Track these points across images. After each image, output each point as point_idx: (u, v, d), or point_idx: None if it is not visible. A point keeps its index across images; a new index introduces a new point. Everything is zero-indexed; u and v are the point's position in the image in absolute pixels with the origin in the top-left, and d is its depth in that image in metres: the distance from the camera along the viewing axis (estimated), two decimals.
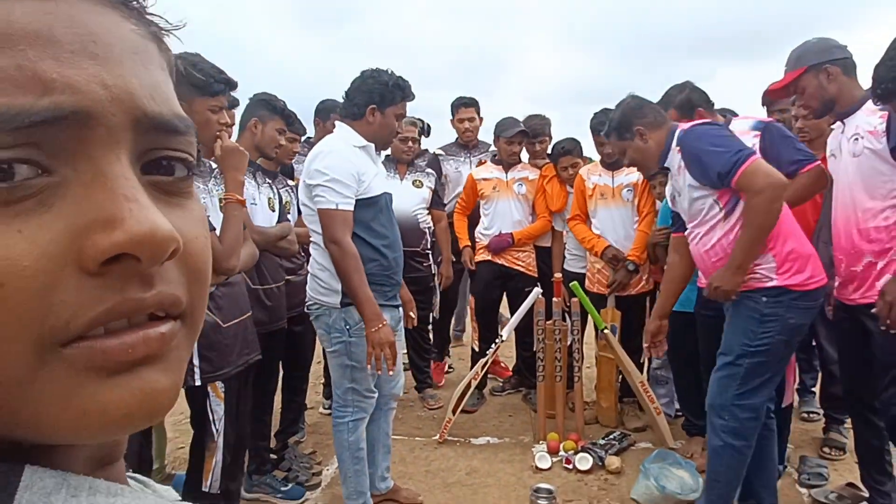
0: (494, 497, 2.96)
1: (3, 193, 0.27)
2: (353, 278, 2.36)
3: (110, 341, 0.29)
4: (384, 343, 2.37)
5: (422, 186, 4.04)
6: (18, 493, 0.27)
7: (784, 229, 2.30)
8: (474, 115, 4.36)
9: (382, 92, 2.51)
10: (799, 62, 2.44)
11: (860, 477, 2.67)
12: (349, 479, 2.66)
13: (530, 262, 4.06)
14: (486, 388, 4.31)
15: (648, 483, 2.85)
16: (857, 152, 2.32)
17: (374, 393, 2.64)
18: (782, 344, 2.30)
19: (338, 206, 2.39)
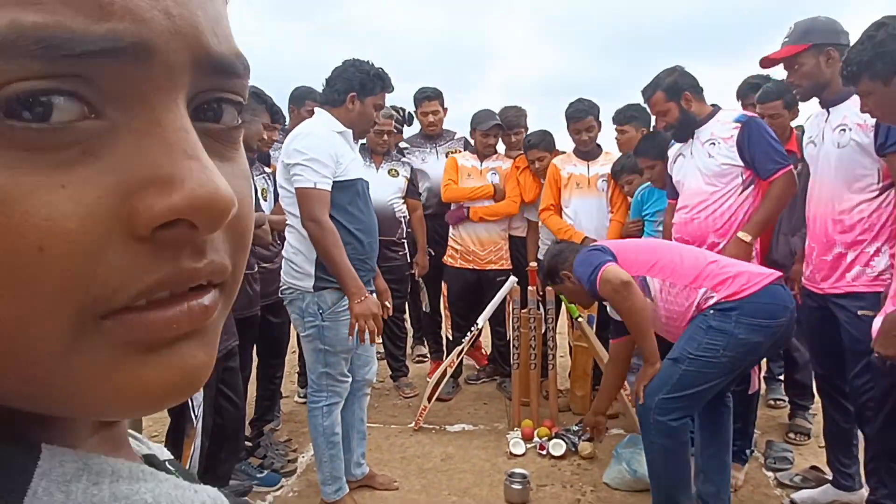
0: (469, 482, 2.98)
1: (42, 136, 0.23)
2: (334, 253, 2.37)
3: (154, 315, 0.26)
4: (368, 315, 2.38)
5: (397, 176, 4.03)
6: (34, 481, 0.24)
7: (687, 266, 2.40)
8: (438, 107, 4.32)
9: (363, 81, 2.54)
10: (804, 37, 2.40)
11: (826, 460, 2.74)
12: (324, 464, 2.66)
13: (501, 257, 4.07)
14: (461, 377, 4.33)
15: (621, 467, 2.89)
16: (843, 143, 2.32)
17: (348, 377, 2.65)
18: (728, 360, 2.28)
19: (316, 184, 2.39)
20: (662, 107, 2.86)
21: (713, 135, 2.82)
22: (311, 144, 2.42)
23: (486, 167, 4.07)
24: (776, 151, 2.74)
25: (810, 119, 2.62)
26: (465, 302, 4.15)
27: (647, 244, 2.66)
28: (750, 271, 2.36)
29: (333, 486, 2.68)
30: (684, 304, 2.38)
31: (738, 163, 2.75)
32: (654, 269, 2.45)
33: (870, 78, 1.84)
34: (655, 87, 2.88)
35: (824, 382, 2.66)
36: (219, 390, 2.43)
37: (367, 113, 2.58)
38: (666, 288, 2.42)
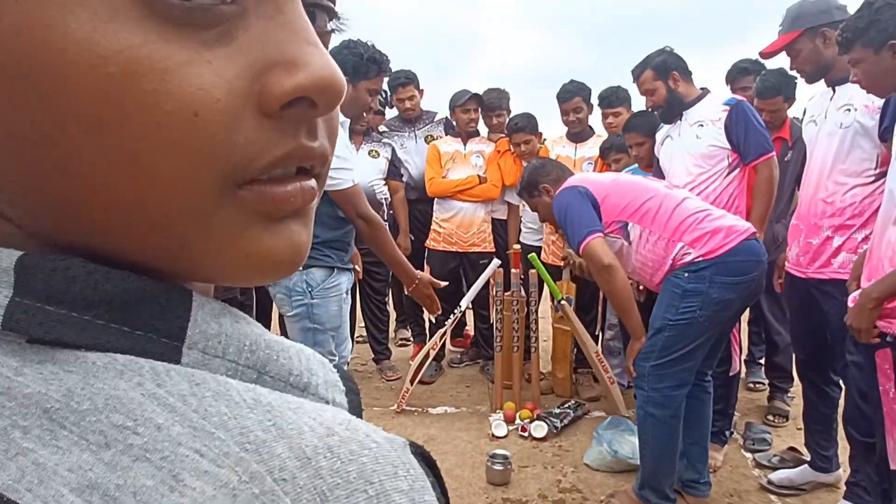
0: (451, 464, 2.97)
1: (192, 15, 0.25)
2: (389, 246, 2.45)
3: (278, 188, 0.29)
4: (429, 291, 2.55)
5: (378, 157, 3.97)
6: (193, 310, 0.28)
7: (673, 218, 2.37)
8: (413, 91, 4.23)
9: (356, 64, 2.44)
10: (795, 23, 2.37)
11: (804, 442, 2.75)
12: None
13: (485, 239, 4.04)
14: (443, 360, 4.31)
15: (601, 448, 2.89)
16: (847, 124, 2.27)
17: (336, 356, 2.63)
18: (705, 319, 2.28)
19: (354, 181, 2.38)
20: (651, 85, 2.85)
21: (702, 116, 2.81)
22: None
23: (470, 150, 4.02)
24: (763, 136, 2.74)
25: (813, 98, 2.57)
26: (448, 285, 4.11)
27: (633, 186, 2.52)
28: (728, 226, 2.31)
29: None
30: (661, 255, 2.36)
31: (726, 145, 2.75)
32: (636, 215, 2.42)
33: (862, 45, 1.82)
34: (644, 66, 2.86)
35: (805, 367, 2.66)
36: None
37: (361, 98, 2.49)
38: (646, 235, 2.39)
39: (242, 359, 0.29)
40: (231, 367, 0.28)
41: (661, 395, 2.33)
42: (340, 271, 2.53)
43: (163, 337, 0.27)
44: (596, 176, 2.72)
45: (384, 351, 4.26)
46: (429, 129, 4.32)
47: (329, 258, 2.47)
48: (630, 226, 2.42)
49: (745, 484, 2.76)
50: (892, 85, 1.84)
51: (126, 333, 0.26)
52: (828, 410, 2.61)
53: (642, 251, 2.42)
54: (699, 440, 2.54)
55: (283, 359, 0.30)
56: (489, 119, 4.08)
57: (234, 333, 0.29)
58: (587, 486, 2.76)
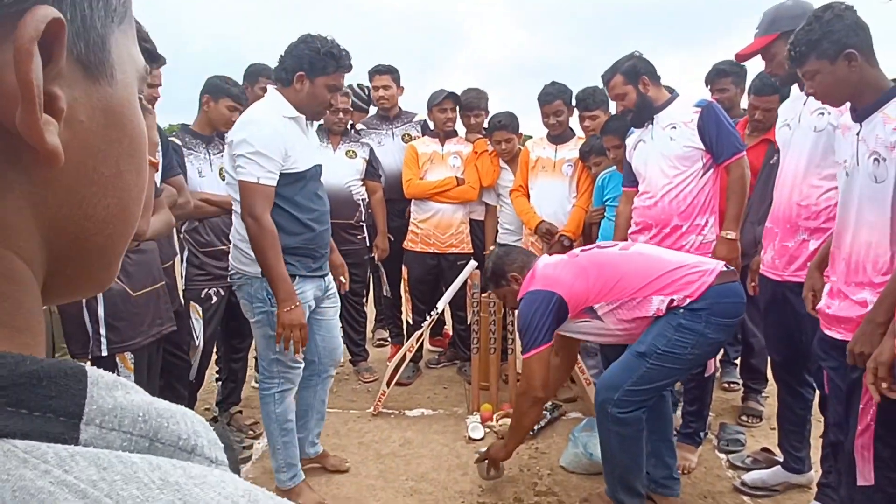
0: (427, 467, 2.94)
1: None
2: (269, 255, 2.28)
3: None
4: (294, 325, 2.31)
5: (355, 157, 3.92)
6: (89, 388, 0.29)
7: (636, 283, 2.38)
8: (389, 82, 4.17)
9: (312, 59, 2.36)
10: (772, 26, 2.39)
11: (777, 442, 2.77)
12: (278, 451, 2.60)
13: (462, 240, 4.00)
14: (421, 361, 4.29)
15: (577, 451, 2.89)
16: (821, 127, 2.29)
17: (300, 364, 2.58)
18: (693, 357, 2.32)
19: (259, 179, 2.29)
20: (621, 90, 2.86)
21: (674, 119, 2.84)
22: (259, 136, 2.29)
23: (448, 151, 3.99)
24: (734, 137, 2.79)
25: (786, 103, 2.59)
26: (425, 286, 4.09)
27: (596, 264, 2.48)
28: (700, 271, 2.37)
29: (288, 474, 2.62)
30: (643, 314, 2.37)
31: (700, 146, 2.79)
32: (602, 296, 2.41)
33: (817, 57, 1.83)
34: (614, 71, 2.87)
35: (780, 369, 2.67)
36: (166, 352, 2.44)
37: (318, 94, 2.40)
38: (614, 307, 2.40)
39: (136, 429, 0.29)
40: (126, 439, 0.29)
41: (628, 416, 2.32)
42: (304, 279, 2.46)
43: (60, 416, 0.27)
44: (559, 268, 2.52)
45: (361, 352, 4.22)
46: (406, 129, 4.27)
47: (292, 266, 2.40)
48: (596, 307, 2.43)
49: (719, 485, 2.76)
50: (847, 93, 1.86)
51: (24, 416, 0.26)
52: (801, 411, 2.63)
53: (618, 318, 2.41)
54: (663, 435, 2.57)
55: (171, 425, 0.31)
56: (467, 119, 4.05)
57: (127, 405, 0.30)
58: (563, 488, 2.75)
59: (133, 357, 2.00)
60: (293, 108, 2.40)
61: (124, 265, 1.95)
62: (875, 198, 1.76)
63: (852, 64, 1.79)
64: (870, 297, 1.81)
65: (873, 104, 1.80)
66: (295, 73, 2.37)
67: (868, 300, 1.82)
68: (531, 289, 2.48)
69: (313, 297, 2.55)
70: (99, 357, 1.95)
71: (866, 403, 1.76)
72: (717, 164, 2.80)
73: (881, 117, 1.76)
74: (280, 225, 2.36)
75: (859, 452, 1.79)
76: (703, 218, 2.83)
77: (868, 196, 1.77)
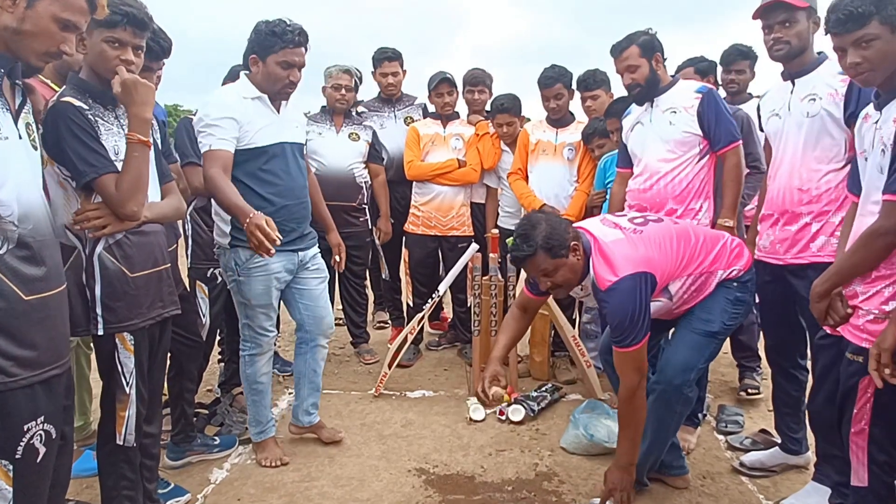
0: (429, 448, 2.95)
1: None
2: (222, 190, 2.41)
3: None
4: (254, 230, 2.26)
5: (358, 140, 3.90)
6: None
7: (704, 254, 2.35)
8: (398, 69, 4.17)
9: (258, 41, 2.52)
10: None
11: (774, 424, 2.78)
12: (249, 408, 2.84)
13: (463, 223, 3.99)
14: (422, 343, 4.29)
15: (578, 432, 2.89)
16: (814, 112, 2.29)
17: (268, 332, 2.76)
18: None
19: (210, 146, 2.48)
20: (636, 61, 2.81)
21: (674, 103, 2.83)
22: (208, 111, 2.51)
23: (450, 133, 3.97)
24: (732, 125, 2.80)
25: (769, 94, 2.58)
26: (426, 268, 4.08)
27: (666, 238, 2.29)
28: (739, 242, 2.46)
29: (256, 429, 2.83)
30: (704, 290, 2.36)
31: (698, 132, 2.79)
32: (681, 269, 2.30)
33: (881, 21, 1.66)
34: (631, 42, 2.82)
35: (774, 352, 2.67)
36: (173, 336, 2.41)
37: (272, 73, 2.53)
38: (687, 284, 2.33)
39: None
40: None
41: (692, 394, 2.37)
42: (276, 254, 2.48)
43: None
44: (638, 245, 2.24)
45: (362, 335, 4.22)
46: (408, 111, 4.25)
47: None
48: (671, 285, 2.30)
49: (718, 466, 2.78)
50: (891, 69, 1.71)
51: None
52: (796, 393, 2.64)
53: (684, 296, 2.35)
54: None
55: None
56: (471, 94, 4.02)
57: None
58: (564, 469, 2.76)
59: (133, 338, 1.98)
60: (255, 88, 2.57)
61: (122, 246, 1.93)
62: (879, 188, 1.74)
63: None
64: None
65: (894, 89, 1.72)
66: (249, 57, 2.58)
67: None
68: (627, 273, 2.15)
69: (284, 270, 2.69)
70: (97, 336, 1.94)
71: (861, 406, 1.76)
72: (713, 151, 2.80)
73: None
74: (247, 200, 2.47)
75: (854, 453, 1.80)
76: (698, 203, 2.83)
77: (875, 186, 1.75)
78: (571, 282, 2.28)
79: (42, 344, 1.46)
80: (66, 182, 1.86)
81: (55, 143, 1.81)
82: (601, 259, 2.21)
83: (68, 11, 1.49)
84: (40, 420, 1.47)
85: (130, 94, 1.87)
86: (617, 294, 2.15)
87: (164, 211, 2.10)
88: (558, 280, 2.25)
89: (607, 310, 2.21)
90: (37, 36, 1.46)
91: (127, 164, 1.87)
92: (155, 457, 2.27)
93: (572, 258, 2.22)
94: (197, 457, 2.81)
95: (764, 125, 2.56)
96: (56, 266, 1.56)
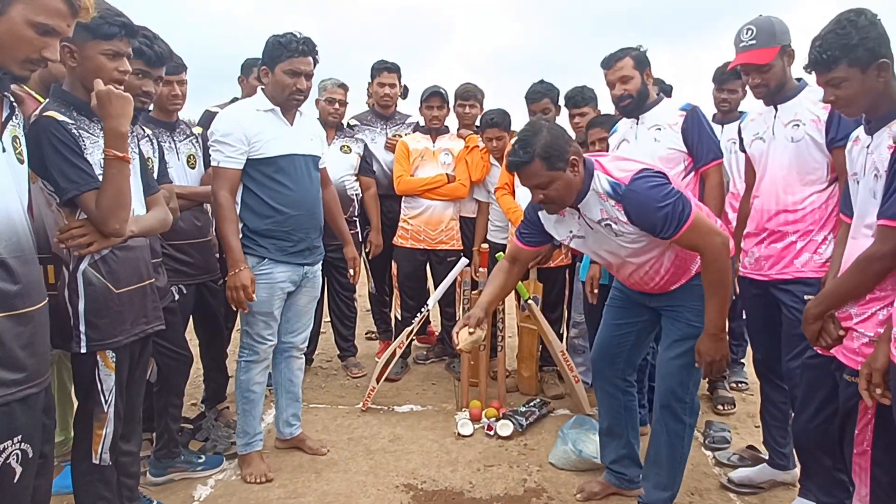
0: (417, 463, 2.90)
1: None
2: (222, 226, 2.55)
3: None
4: (238, 287, 2.51)
5: (350, 152, 3.88)
6: None
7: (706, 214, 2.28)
8: (395, 81, 4.15)
9: (267, 52, 2.59)
10: (773, 40, 2.34)
11: (762, 439, 2.77)
12: (239, 417, 2.82)
13: (452, 237, 3.97)
14: (409, 357, 4.25)
15: (566, 447, 2.87)
16: (798, 137, 2.34)
17: (267, 341, 2.75)
18: None
19: (219, 163, 2.56)
20: (630, 72, 2.81)
21: (659, 120, 2.85)
22: (219, 126, 2.57)
23: (439, 147, 3.95)
24: (714, 143, 2.84)
25: (751, 118, 2.61)
26: (415, 282, 4.05)
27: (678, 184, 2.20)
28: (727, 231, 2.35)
29: (243, 440, 2.80)
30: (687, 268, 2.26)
31: (683, 149, 2.82)
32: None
33: (848, 64, 1.74)
34: (625, 53, 2.82)
35: (763, 366, 2.68)
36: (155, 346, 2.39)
37: (280, 82, 2.58)
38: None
39: None
40: None
41: (694, 400, 2.34)
42: (276, 263, 2.65)
43: None
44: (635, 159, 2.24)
45: (350, 348, 4.18)
46: (399, 129, 4.22)
47: (263, 248, 2.63)
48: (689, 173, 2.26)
49: (706, 482, 2.76)
50: (868, 104, 1.79)
51: None
52: (784, 406, 2.64)
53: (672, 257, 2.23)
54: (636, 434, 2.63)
55: None
56: (462, 107, 4.00)
57: None
58: (552, 485, 2.73)
59: (115, 356, 1.93)
60: (268, 101, 2.63)
61: (107, 261, 1.88)
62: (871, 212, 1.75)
63: (882, 74, 1.73)
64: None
65: (886, 116, 1.76)
66: (261, 69, 2.64)
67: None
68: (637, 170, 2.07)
69: (289, 280, 2.71)
70: (79, 353, 1.88)
71: (862, 428, 1.76)
72: (696, 168, 2.83)
73: (887, 132, 1.74)
74: (249, 205, 2.63)
75: (857, 475, 1.80)
76: None
77: (868, 210, 1.77)
78: (565, 199, 2.13)
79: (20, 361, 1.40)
80: (52, 197, 1.82)
81: (38, 159, 1.74)
82: (611, 167, 2.12)
83: (44, 15, 1.40)
84: (17, 439, 1.41)
85: (105, 107, 1.78)
86: (642, 184, 2.04)
87: (150, 224, 2.06)
88: (552, 194, 2.11)
89: (639, 205, 2.04)
90: (14, 43, 1.38)
91: (105, 182, 1.79)
92: (134, 475, 2.21)
93: (570, 173, 2.08)
94: (180, 474, 2.74)
95: (747, 148, 2.61)
96: (35, 282, 1.49)
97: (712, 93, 3.73)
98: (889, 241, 1.65)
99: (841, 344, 1.85)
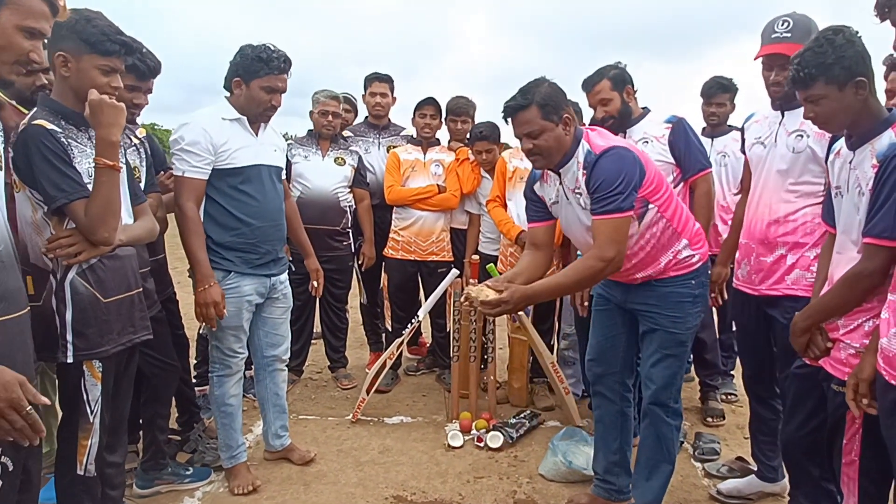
0: (406, 475, 2.87)
1: None
2: (189, 240, 2.48)
3: None
4: (208, 303, 2.47)
5: (344, 164, 3.87)
6: None
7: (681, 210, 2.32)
8: (387, 90, 4.16)
9: (244, 65, 2.52)
10: (807, 36, 2.22)
11: (751, 452, 2.76)
12: (219, 432, 2.76)
13: (443, 248, 3.95)
14: (400, 368, 4.22)
15: (556, 459, 2.84)
16: (800, 149, 2.29)
17: (238, 354, 2.71)
18: (700, 319, 2.39)
19: (184, 173, 2.49)
20: (608, 94, 2.83)
21: (646, 133, 2.88)
22: (184, 134, 2.49)
23: (430, 159, 3.95)
24: (701, 153, 2.86)
25: (756, 120, 2.55)
26: (405, 293, 4.03)
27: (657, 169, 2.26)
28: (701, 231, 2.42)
29: (227, 454, 2.75)
30: (663, 245, 2.25)
31: (670, 160, 2.84)
32: (661, 198, 2.21)
33: (825, 82, 1.74)
34: (602, 76, 2.84)
35: (752, 381, 2.65)
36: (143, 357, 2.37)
37: (255, 97, 2.53)
38: (658, 219, 2.22)
39: None
40: None
41: (679, 403, 2.38)
42: (242, 276, 2.60)
43: None
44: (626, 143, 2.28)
45: (340, 359, 4.14)
46: (393, 140, 4.22)
47: (228, 261, 2.58)
48: (649, 206, 2.20)
49: (695, 494, 2.74)
50: (847, 121, 1.79)
51: None
52: (773, 422, 2.62)
53: (647, 234, 2.22)
54: (628, 444, 2.61)
55: None
56: (453, 123, 4.00)
57: None
58: (542, 496, 2.70)
59: (101, 366, 1.90)
60: (235, 110, 2.57)
61: (95, 270, 1.85)
62: (855, 227, 1.76)
63: (859, 92, 1.73)
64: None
65: (868, 133, 1.76)
66: (232, 80, 2.57)
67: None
68: (615, 144, 2.13)
69: (256, 293, 2.67)
70: (65, 364, 1.85)
71: (850, 438, 1.75)
72: (684, 179, 2.85)
73: (870, 150, 1.74)
74: (213, 217, 2.57)
75: (845, 484, 1.80)
76: None
77: (852, 225, 1.77)
78: (553, 153, 2.16)
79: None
80: (39, 206, 1.80)
81: (27, 168, 1.73)
82: (596, 138, 2.18)
83: (31, 19, 1.43)
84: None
85: (97, 116, 1.78)
86: (610, 158, 2.08)
87: (138, 233, 2.04)
88: (541, 144, 2.13)
89: (596, 174, 2.08)
90: (4, 48, 1.41)
91: (95, 190, 1.79)
92: (118, 486, 2.16)
93: (561, 128, 2.13)
94: (167, 486, 2.70)
95: (747, 150, 2.55)
96: (15, 291, 1.46)
97: (701, 107, 3.76)
98: (875, 259, 1.66)
99: (829, 355, 1.84)
